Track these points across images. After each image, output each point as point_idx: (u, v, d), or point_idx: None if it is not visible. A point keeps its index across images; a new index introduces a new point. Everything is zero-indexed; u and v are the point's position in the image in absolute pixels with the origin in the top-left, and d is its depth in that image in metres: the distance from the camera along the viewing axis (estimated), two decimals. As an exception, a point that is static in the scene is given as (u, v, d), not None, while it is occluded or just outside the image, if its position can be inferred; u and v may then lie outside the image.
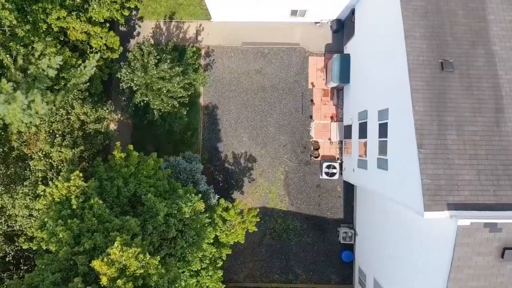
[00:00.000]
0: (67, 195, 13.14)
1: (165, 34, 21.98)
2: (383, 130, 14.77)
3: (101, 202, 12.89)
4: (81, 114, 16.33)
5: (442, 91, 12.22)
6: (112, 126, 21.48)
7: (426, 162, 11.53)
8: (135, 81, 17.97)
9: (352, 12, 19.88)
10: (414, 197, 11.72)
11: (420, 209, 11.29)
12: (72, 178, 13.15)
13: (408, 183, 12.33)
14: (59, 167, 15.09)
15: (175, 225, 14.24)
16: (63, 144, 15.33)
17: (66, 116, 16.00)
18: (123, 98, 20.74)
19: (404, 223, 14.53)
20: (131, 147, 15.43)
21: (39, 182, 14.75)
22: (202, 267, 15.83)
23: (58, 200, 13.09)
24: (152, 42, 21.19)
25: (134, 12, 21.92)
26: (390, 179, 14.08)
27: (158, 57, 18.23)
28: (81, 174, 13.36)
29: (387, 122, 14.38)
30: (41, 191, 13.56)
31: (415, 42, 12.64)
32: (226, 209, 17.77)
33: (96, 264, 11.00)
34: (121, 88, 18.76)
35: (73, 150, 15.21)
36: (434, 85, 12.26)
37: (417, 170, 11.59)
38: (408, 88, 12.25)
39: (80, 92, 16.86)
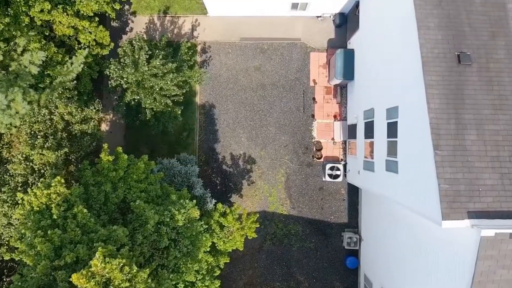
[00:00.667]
0: (47, 203, 12.01)
1: (159, 29, 20.99)
2: (392, 129, 13.72)
3: (85, 210, 11.77)
4: (65, 114, 15.21)
5: (460, 87, 11.15)
6: (104, 127, 20.47)
7: (443, 165, 10.44)
8: (125, 78, 16.88)
9: (356, 5, 18.96)
10: (430, 204, 10.63)
11: (438, 217, 10.20)
12: (53, 184, 12.01)
13: (422, 188, 11.25)
14: (42, 171, 13.96)
15: (167, 234, 13.16)
16: (45, 146, 14.21)
17: (49, 116, 14.89)
18: (115, 97, 19.71)
19: (414, 228, 13.46)
20: (119, 149, 14.35)
21: (19, 188, 13.64)
22: (198, 278, 14.76)
23: (38, 209, 11.97)
24: (145, 37, 20.14)
25: (126, 7, 20.98)
26: (400, 183, 12.99)
27: (150, 52, 17.14)
28: (62, 180, 12.22)
29: (396, 121, 13.33)
30: (19, 199, 12.44)
31: (429, 33, 11.55)
32: (224, 214, 16.75)
33: (74, 277, 9.93)
34: (110, 86, 17.68)
35: (57, 152, 14.09)
36: (450, 80, 11.17)
37: (433, 174, 10.50)
38: (422, 84, 11.18)
39: (67, 91, 15.82)
